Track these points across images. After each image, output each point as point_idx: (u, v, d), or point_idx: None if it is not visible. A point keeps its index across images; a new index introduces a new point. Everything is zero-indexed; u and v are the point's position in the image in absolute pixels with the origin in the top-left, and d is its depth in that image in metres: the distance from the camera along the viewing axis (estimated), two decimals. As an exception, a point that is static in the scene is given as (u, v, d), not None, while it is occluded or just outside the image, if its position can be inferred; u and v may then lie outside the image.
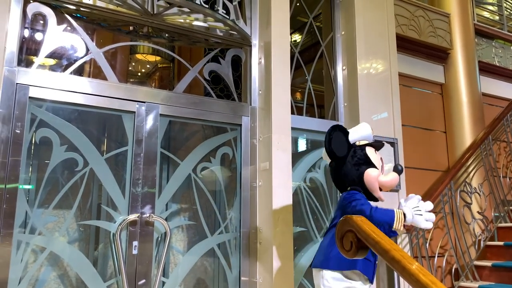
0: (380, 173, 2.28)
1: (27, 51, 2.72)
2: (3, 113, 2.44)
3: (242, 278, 3.06)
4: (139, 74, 5.52)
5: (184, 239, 3.25)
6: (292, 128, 3.18)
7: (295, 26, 4.04)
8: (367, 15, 3.74)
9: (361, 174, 2.25)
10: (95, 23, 3.03)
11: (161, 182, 3.06)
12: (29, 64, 2.65)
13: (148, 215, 2.78)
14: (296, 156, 3.45)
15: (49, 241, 2.60)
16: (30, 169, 2.75)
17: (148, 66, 5.42)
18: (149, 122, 2.91)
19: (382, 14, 3.87)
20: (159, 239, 2.90)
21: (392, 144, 3.57)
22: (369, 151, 2.30)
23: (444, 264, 3.66)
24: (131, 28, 3.23)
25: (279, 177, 3.02)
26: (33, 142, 2.63)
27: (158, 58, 5.12)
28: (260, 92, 3.32)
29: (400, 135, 3.67)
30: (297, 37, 4.06)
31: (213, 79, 3.39)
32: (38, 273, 2.62)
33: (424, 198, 3.76)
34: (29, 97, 2.55)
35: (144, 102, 2.91)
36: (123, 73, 4.43)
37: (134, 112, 2.87)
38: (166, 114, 3.00)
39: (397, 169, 2.30)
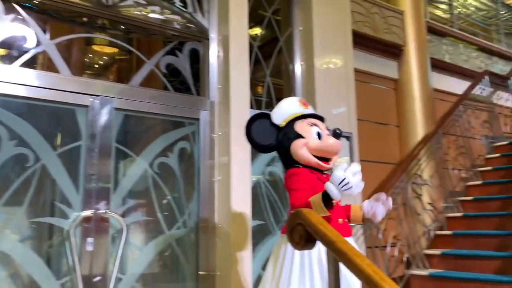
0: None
1: (-28, 41, 2.60)
2: None
3: (200, 272, 3.06)
4: (96, 66, 5.36)
5: (142, 235, 3.21)
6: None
7: (255, 20, 4.05)
8: (324, 11, 3.81)
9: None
10: (46, 14, 2.92)
11: (117, 177, 3.00)
12: (-26, 55, 2.53)
13: (103, 211, 2.73)
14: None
15: (-3, 240, 2.51)
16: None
17: (105, 58, 5.27)
18: (103, 116, 2.84)
19: (338, 10, 3.95)
20: (115, 235, 2.85)
21: (348, 138, 3.66)
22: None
23: (396, 254, 3.81)
24: (85, 19, 3.14)
25: (238, 171, 3.04)
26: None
27: (115, 50, 4.97)
28: (219, 86, 3.31)
29: (355, 129, 3.77)
30: (258, 31, 4.07)
31: (172, 72, 3.35)
32: (-13, 273, 2.52)
33: (378, 190, 3.89)
34: (-26, 90, 2.44)
35: (98, 96, 2.84)
36: (79, 66, 4.29)
37: (88, 106, 2.80)
38: (121, 108, 2.94)
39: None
